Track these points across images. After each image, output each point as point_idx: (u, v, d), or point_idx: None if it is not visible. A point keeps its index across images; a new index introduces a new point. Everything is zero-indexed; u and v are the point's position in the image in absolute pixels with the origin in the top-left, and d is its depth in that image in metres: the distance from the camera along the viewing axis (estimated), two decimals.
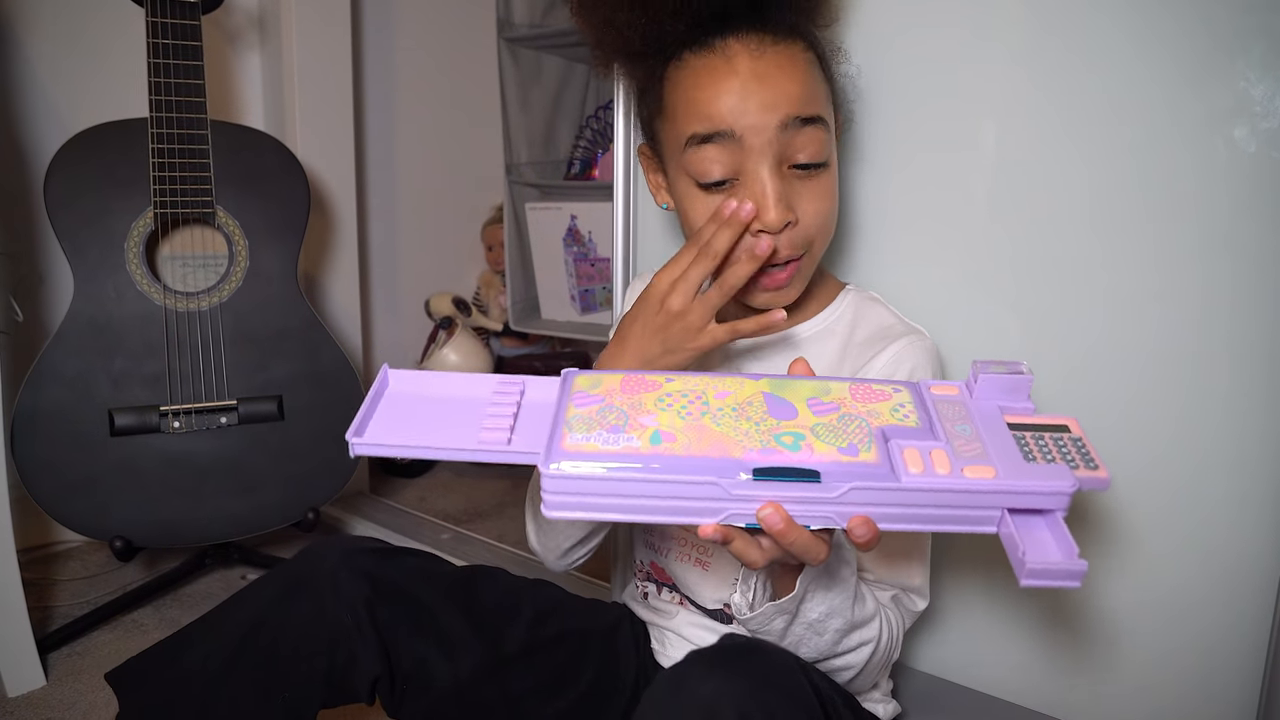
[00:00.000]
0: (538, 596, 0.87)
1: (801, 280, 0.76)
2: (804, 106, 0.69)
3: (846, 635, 0.67)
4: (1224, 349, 0.79)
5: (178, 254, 1.43)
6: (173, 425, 1.37)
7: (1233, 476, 0.80)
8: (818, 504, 0.51)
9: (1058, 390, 0.86)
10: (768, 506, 0.50)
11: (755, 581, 0.66)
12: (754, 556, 0.55)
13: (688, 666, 0.59)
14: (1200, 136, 0.77)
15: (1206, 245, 0.78)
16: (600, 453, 0.51)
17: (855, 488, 0.50)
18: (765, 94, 0.68)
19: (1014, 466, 0.50)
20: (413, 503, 1.99)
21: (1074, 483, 0.49)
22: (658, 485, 0.50)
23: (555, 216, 1.98)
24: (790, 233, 0.71)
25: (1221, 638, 0.82)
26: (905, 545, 0.75)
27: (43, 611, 1.43)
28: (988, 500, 0.50)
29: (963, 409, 0.55)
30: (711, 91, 0.69)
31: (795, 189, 0.71)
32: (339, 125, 1.89)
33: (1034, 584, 0.48)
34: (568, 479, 0.50)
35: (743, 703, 0.55)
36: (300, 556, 0.79)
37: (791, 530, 0.51)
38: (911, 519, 0.51)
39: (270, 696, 0.73)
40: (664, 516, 0.51)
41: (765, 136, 0.69)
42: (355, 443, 0.54)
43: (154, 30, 1.33)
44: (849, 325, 0.80)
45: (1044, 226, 0.85)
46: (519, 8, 1.92)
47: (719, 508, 0.51)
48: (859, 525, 0.51)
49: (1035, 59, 0.84)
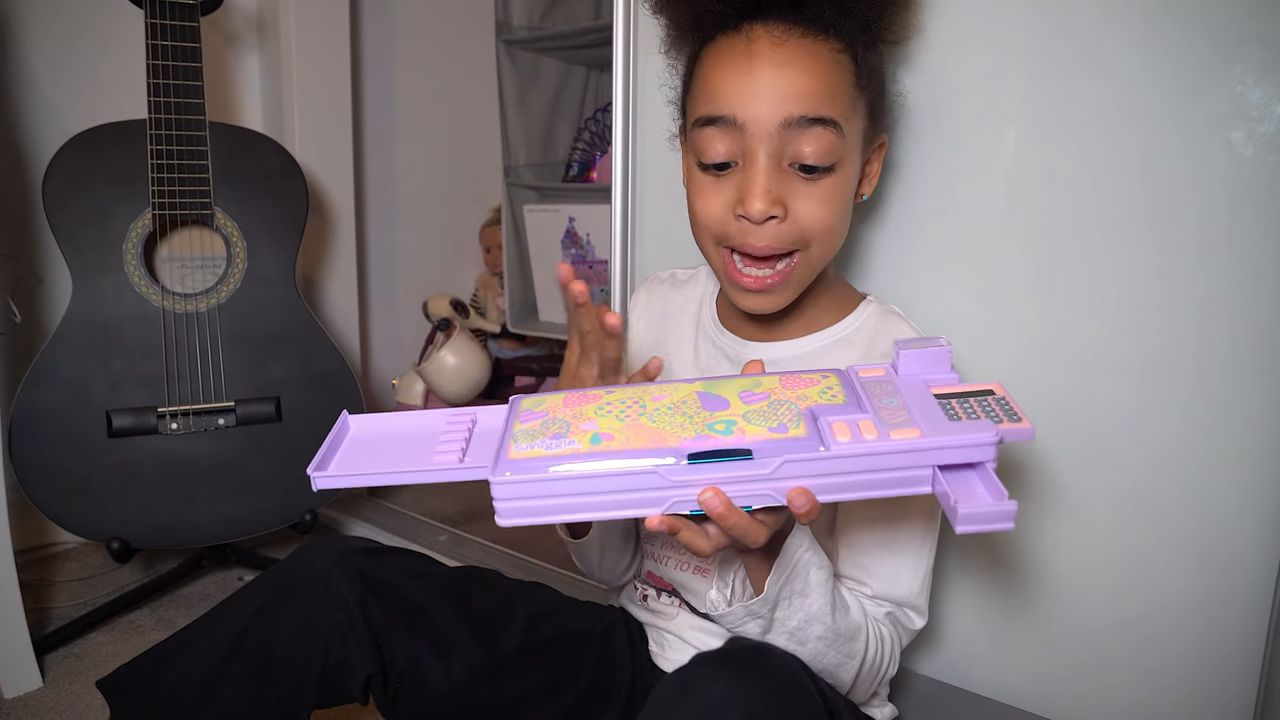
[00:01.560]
0: (533, 598, 0.86)
1: (790, 287, 0.74)
2: (814, 106, 0.68)
3: (833, 645, 0.67)
4: (1224, 352, 0.79)
5: (176, 255, 1.43)
6: (170, 426, 1.37)
7: (1234, 480, 0.80)
8: (754, 482, 0.53)
9: (1064, 397, 0.86)
10: (708, 491, 0.52)
11: (733, 578, 0.67)
12: (701, 545, 0.56)
13: (694, 670, 0.59)
14: (1199, 141, 0.77)
15: (1205, 249, 0.78)
16: (544, 458, 0.53)
17: (788, 460, 0.52)
18: (776, 85, 0.67)
19: (939, 426, 0.52)
20: (410, 505, 1.98)
21: (996, 434, 0.51)
22: (600, 481, 0.52)
23: (553, 218, 1.98)
24: (777, 228, 0.70)
25: (1221, 641, 0.82)
26: (902, 560, 0.75)
27: (40, 613, 1.43)
28: (916, 459, 0.52)
29: (890, 385, 0.57)
30: (723, 73, 0.69)
31: (794, 187, 0.70)
32: (337, 127, 1.89)
33: (970, 529, 0.49)
34: (515, 485, 0.53)
35: (751, 705, 0.55)
36: (293, 557, 0.79)
37: (732, 513, 0.53)
38: (847, 487, 0.53)
39: (263, 698, 0.73)
40: (611, 512, 0.54)
41: (767, 129, 0.68)
42: (317, 476, 0.56)
43: (153, 32, 1.33)
44: (869, 337, 0.79)
45: (1051, 234, 0.85)
46: (517, 10, 1.92)
47: (662, 497, 0.53)
48: (797, 496, 0.52)
49: (1045, 70, 0.84)
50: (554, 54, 2.00)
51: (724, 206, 0.71)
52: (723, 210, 0.71)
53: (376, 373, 2.20)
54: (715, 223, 0.72)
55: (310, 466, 0.57)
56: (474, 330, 2.21)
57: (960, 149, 0.89)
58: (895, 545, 0.74)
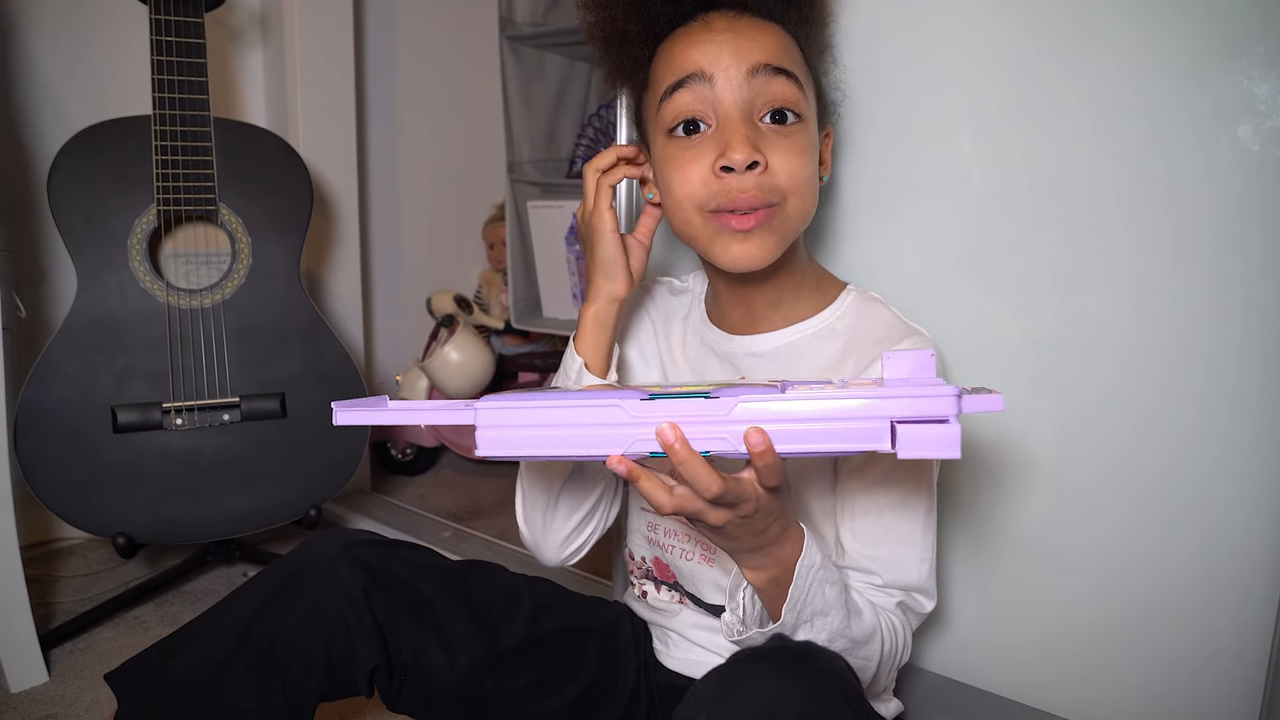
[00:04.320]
0: (536, 592, 0.87)
1: (772, 238, 0.71)
2: (776, 57, 0.71)
3: (852, 653, 0.68)
4: (1228, 346, 0.78)
5: (180, 251, 1.43)
6: (175, 422, 1.38)
7: (1246, 477, 0.79)
8: (712, 423, 0.53)
9: (1057, 387, 0.86)
10: (665, 423, 0.53)
11: (742, 597, 0.67)
12: (662, 499, 0.56)
13: (741, 666, 0.59)
14: (1205, 134, 0.77)
15: (1211, 243, 0.78)
16: (521, 396, 0.58)
17: (744, 402, 0.53)
18: (738, 43, 0.70)
19: (900, 388, 0.52)
20: (414, 500, 1.99)
21: (955, 390, 0.50)
22: (567, 412, 0.55)
23: (557, 214, 1.98)
24: (758, 176, 0.69)
25: (1228, 639, 0.81)
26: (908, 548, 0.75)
27: (45, 608, 1.44)
28: (872, 409, 0.51)
29: (872, 386, 0.57)
30: (685, 45, 0.72)
31: (769, 140, 0.70)
32: (341, 122, 1.89)
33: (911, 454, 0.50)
34: (495, 411, 0.57)
35: (801, 705, 0.55)
36: (298, 549, 0.79)
37: (690, 457, 0.53)
38: (805, 437, 0.52)
39: (269, 689, 0.73)
40: (577, 450, 0.56)
41: (735, 79, 0.70)
42: (338, 408, 0.60)
43: (157, 28, 1.33)
44: (851, 325, 0.79)
45: (1048, 226, 0.85)
46: (521, 6, 1.92)
47: (625, 435, 0.54)
48: (753, 434, 0.52)
49: (1040, 55, 0.84)
50: (558, 50, 1.99)
51: (704, 169, 0.71)
52: (704, 172, 0.71)
53: (380, 368, 2.21)
54: (697, 188, 0.71)
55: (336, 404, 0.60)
56: (478, 326, 2.21)
57: (957, 137, 0.89)
58: (899, 533, 0.74)
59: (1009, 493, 0.91)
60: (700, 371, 0.85)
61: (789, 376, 0.79)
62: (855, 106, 0.93)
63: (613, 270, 0.79)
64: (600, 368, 0.81)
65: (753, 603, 0.67)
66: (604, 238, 0.79)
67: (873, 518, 0.74)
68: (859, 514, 0.75)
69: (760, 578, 0.64)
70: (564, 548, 0.84)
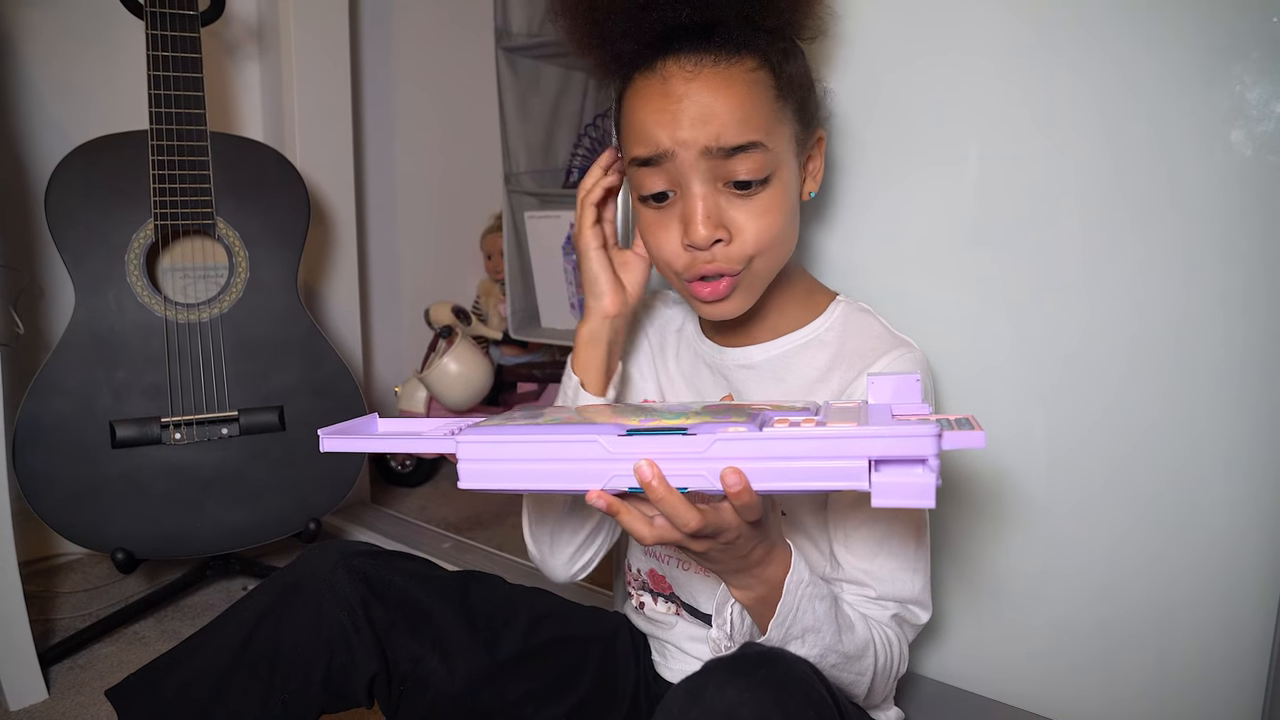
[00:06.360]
0: (535, 602, 0.87)
1: (746, 293, 0.74)
2: (733, 135, 0.68)
3: (844, 669, 0.68)
4: (1221, 351, 0.79)
5: (178, 265, 1.43)
6: (174, 436, 1.37)
7: (1231, 479, 0.79)
8: (689, 460, 0.54)
9: (1049, 393, 0.86)
10: (642, 461, 0.54)
11: (730, 613, 0.67)
12: (643, 531, 0.57)
13: (704, 676, 0.58)
14: (1197, 140, 0.77)
15: (1204, 249, 0.78)
16: (504, 427, 0.59)
17: (721, 440, 0.53)
18: (696, 111, 0.68)
19: (879, 424, 0.51)
20: (414, 512, 1.98)
21: (935, 428, 0.49)
22: (547, 447, 0.56)
23: (554, 225, 1.98)
24: (724, 249, 0.71)
25: (1226, 641, 0.81)
26: (902, 560, 0.75)
27: (44, 624, 1.43)
28: (849, 448, 0.50)
29: (855, 411, 0.57)
30: (644, 114, 0.70)
31: (734, 205, 0.71)
32: (338, 135, 1.90)
33: (885, 503, 0.50)
34: (475, 445, 0.58)
35: (764, 710, 0.55)
36: (297, 561, 0.79)
37: (668, 494, 0.54)
38: (782, 475, 0.52)
39: (270, 701, 0.73)
40: (557, 484, 0.57)
41: (693, 158, 0.69)
42: (325, 435, 0.61)
43: (154, 42, 1.33)
44: (839, 336, 0.79)
45: (1039, 232, 0.85)
46: (516, 17, 1.93)
47: (603, 470, 0.55)
48: (730, 474, 0.53)
49: (1030, 63, 0.84)
50: (554, 61, 2.00)
51: (675, 242, 0.72)
52: (675, 245, 0.72)
53: (379, 380, 2.21)
54: (672, 258, 0.73)
55: (323, 430, 0.62)
56: (476, 337, 2.21)
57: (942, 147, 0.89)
58: (892, 546, 0.74)
59: (1008, 497, 0.91)
60: (694, 384, 0.86)
61: (779, 388, 0.79)
62: (852, 108, 0.93)
63: (597, 288, 0.80)
64: (597, 386, 0.81)
65: (741, 618, 0.67)
66: (585, 256, 0.80)
67: (866, 531, 0.74)
68: (852, 527, 0.75)
69: (747, 596, 0.65)
70: (571, 564, 0.85)
